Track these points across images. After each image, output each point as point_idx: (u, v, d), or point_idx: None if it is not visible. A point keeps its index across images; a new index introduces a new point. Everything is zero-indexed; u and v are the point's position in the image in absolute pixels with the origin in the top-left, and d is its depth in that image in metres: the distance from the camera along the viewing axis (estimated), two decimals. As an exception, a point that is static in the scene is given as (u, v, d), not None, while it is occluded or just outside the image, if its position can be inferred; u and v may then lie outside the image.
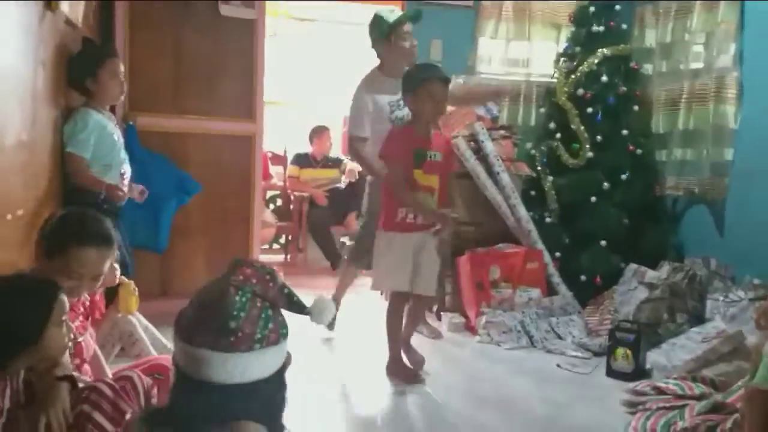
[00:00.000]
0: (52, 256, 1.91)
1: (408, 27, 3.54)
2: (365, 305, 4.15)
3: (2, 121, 2.21)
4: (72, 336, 2.12)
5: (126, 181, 3.11)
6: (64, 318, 1.71)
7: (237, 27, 4.03)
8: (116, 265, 2.68)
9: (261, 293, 1.36)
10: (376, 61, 3.63)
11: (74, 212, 2.06)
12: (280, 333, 1.35)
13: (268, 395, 1.35)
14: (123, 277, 2.71)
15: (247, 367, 1.29)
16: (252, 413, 1.31)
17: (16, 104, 2.35)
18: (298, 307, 1.41)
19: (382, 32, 3.53)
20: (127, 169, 3.11)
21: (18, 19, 2.33)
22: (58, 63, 2.82)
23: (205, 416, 1.28)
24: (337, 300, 3.70)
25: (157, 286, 3.87)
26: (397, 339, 3.16)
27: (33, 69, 2.50)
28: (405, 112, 3.38)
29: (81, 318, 2.24)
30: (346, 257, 3.85)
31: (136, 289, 2.70)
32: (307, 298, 1.42)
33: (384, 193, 3.12)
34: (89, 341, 2.26)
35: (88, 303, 2.37)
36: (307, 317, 1.44)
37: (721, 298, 3.57)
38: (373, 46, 3.62)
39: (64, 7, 2.72)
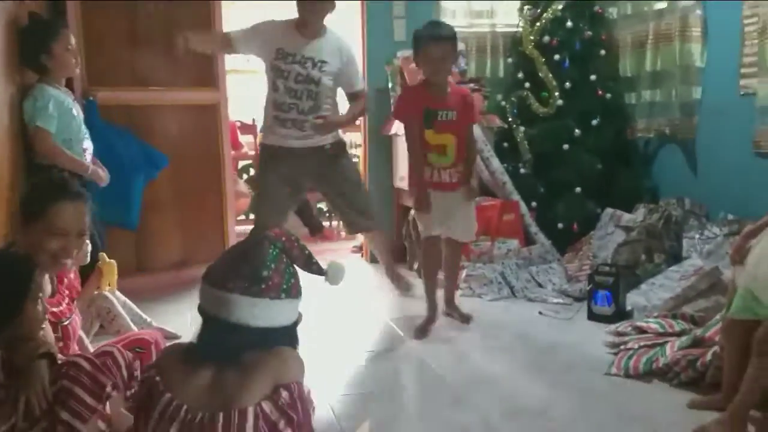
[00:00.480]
0: (34, 220, 1.88)
1: None
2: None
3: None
4: (58, 317, 2.09)
5: (88, 158, 3.03)
6: (40, 294, 1.68)
7: (193, -8, 3.92)
8: (87, 242, 2.63)
9: (287, 251, 1.55)
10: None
11: (43, 178, 2.09)
12: (298, 289, 1.54)
13: (282, 343, 1.53)
14: (104, 254, 2.67)
15: (271, 313, 1.49)
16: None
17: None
18: (317, 268, 1.61)
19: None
20: (89, 145, 3.04)
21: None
22: (9, 40, 2.73)
23: (230, 352, 1.48)
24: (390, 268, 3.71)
25: (133, 262, 3.83)
26: (434, 293, 3.24)
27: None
28: (291, 68, 3.21)
29: (67, 300, 2.20)
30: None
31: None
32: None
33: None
34: (76, 322, 2.23)
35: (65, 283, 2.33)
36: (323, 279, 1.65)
37: (697, 236, 3.61)
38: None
39: (12, -21, 2.62)
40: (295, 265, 1.56)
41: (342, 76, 3.28)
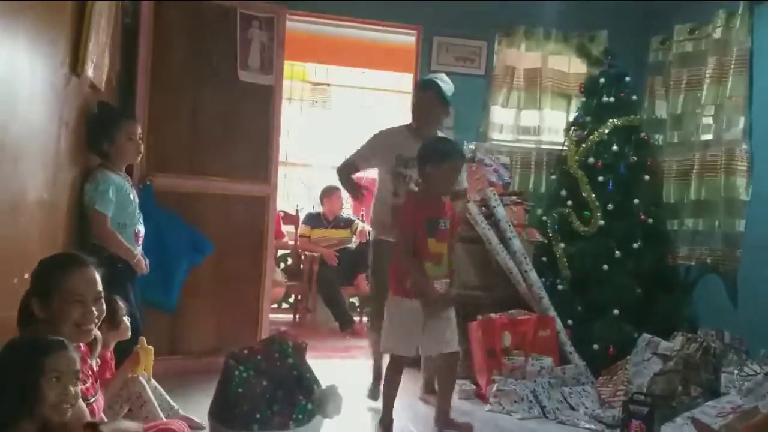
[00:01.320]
0: (50, 295, 1.93)
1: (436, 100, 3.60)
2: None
3: (26, 181, 2.25)
4: (83, 395, 2.11)
5: (140, 241, 3.13)
6: (58, 375, 1.70)
7: (255, 92, 4.13)
8: (126, 319, 2.69)
9: (267, 371, 1.31)
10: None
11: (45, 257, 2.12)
12: (292, 418, 1.27)
13: None
14: (143, 339, 2.72)
15: None
16: None
17: (39, 164, 2.40)
18: (306, 392, 1.36)
19: (443, 98, 3.60)
20: (141, 230, 3.14)
21: (46, 82, 2.40)
22: (80, 124, 2.89)
23: None
24: (377, 370, 3.67)
25: (166, 344, 3.85)
26: (392, 401, 3.17)
27: (57, 130, 2.57)
28: (410, 173, 3.46)
29: (90, 380, 2.23)
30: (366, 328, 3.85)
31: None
32: (315, 363, 1.39)
33: (393, 260, 3.16)
34: (100, 403, 2.25)
35: (97, 366, 2.36)
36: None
37: (736, 372, 3.51)
38: (421, 104, 3.62)
39: (89, 71, 2.80)
40: (284, 392, 1.37)
41: None
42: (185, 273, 3.74)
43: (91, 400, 2.16)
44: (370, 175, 4.60)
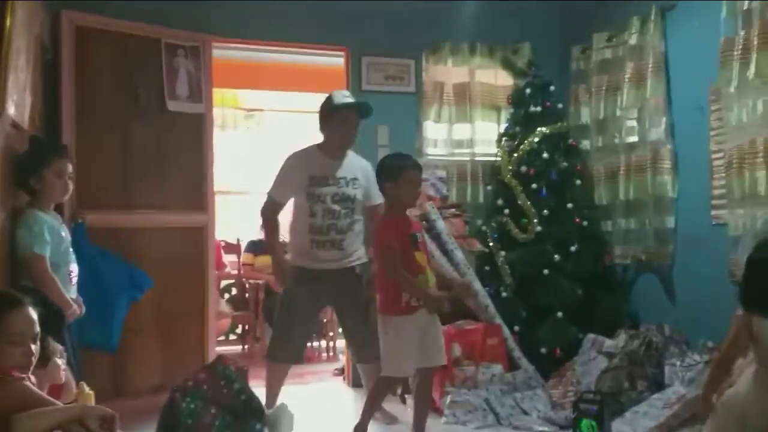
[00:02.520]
0: None
1: (353, 115, 3.58)
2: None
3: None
4: None
5: (74, 281, 3.03)
6: (16, 339, 1.83)
7: (185, 121, 4.09)
8: (60, 362, 2.58)
9: (214, 399, 1.31)
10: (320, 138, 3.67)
11: None
12: None
13: None
14: (83, 384, 2.61)
15: None
16: None
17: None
18: (257, 414, 1.37)
19: (327, 111, 3.58)
20: (74, 269, 3.04)
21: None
22: (3, 165, 2.79)
23: None
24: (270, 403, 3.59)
25: (110, 385, 3.73)
26: (373, 412, 3.24)
27: (-20, 173, 2.47)
28: (327, 191, 3.43)
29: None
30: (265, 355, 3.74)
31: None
32: (262, 390, 1.39)
33: (381, 279, 3.16)
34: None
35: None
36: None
37: (678, 363, 3.62)
38: (319, 122, 3.66)
39: (11, 110, 2.71)
40: (233, 417, 1.38)
41: (367, 188, 3.50)
42: (125, 310, 3.63)
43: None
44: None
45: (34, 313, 2.01)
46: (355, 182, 3.48)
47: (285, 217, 3.73)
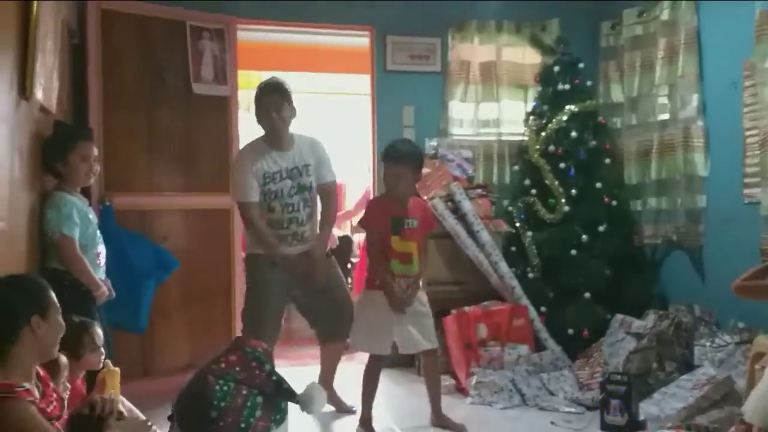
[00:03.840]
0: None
1: (271, 98, 3.35)
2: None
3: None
4: (48, 415, 2.06)
5: (102, 262, 3.07)
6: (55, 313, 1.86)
7: (210, 103, 4.10)
8: (99, 351, 2.63)
9: (246, 381, 1.33)
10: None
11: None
12: (272, 420, 1.32)
13: None
14: (108, 362, 2.66)
15: None
16: None
17: (-7, 193, 2.34)
18: (288, 395, 1.40)
19: (255, 102, 3.42)
20: (102, 250, 3.08)
21: (-7, 108, 2.35)
22: (33, 149, 2.83)
23: None
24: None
25: (139, 366, 3.80)
26: (371, 399, 3.22)
27: (9, 157, 2.50)
28: (283, 185, 3.31)
29: (55, 402, 2.17)
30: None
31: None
32: (293, 372, 1.41)
33: (364, 256, 3.18)
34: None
35: (66, 392, 2.31)
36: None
37: (708, 344, 3.57)
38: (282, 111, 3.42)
39: (38, 94, 2.74)
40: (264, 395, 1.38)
41: (317, 169, 3.38)
42: (153, 292, 3.68)
43: (55, 422, 2.11)
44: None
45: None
46: (308, 168, 3.34)
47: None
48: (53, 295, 1.97)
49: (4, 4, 2.43)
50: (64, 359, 2.29)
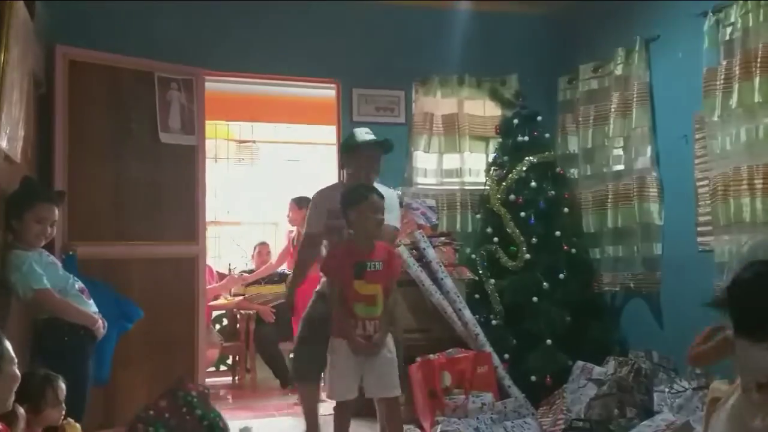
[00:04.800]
0: None
1: (372, 152, 3.57)
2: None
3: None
4: None
5: (89, 297, 3.04)
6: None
7: (178, 153, 4.14)
8: (63, 404, 2.58)
9: (178, 427, 1.32)
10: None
11: None
12: None
13: None
14: (70, 419, 2.62)
15: None
16: None
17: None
18: None
19: (348, 147, 3.63)
20: (83, 286, 3.05)
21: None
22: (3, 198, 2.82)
23: None
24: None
25: (101, 416, 3.72)
26: None
27: (-29, 205, 2.50)
28: (343, 223, 3.40)
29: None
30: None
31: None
32: (256, 423, 1.42)
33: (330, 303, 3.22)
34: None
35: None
36: None
37: (667, 390, 3.64)
38: (342, 159, 3.73)
39: (3, 143, 2.75)
40: None
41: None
42: (115, 342, 3.63)
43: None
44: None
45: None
46: None
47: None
48: (6, 346, 1.89)
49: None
50: (21, 411, 2.25)
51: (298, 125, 6.93)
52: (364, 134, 3.62)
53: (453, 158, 5.02)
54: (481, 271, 4.50)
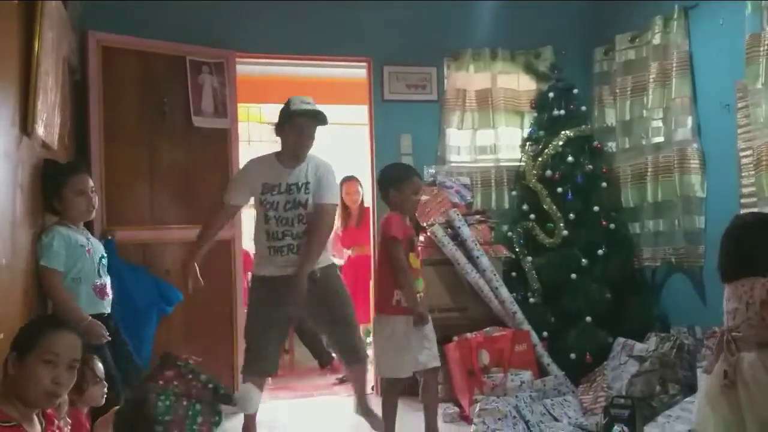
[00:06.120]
0: (27, 352, 1.90)
1: (310, 123, 3.38)
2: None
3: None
4: None
5: (106, 296, 3.05)
6: (50, 358, 1.83)
7: (211, 136, 4.15)
8: (99, 386, 2.63)
9: (185, 392, 1.38)
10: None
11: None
12: (212, 422, 1.36)
13: None
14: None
15: None
16: None
17: (-5, 229, 2.36)
18: (225, 399, 1.45)
19: (282, 117, 3.43)
20: (106, 283, 3.06)
21: (-4, 146, 2.38)
22: (35, 185, 2.85)
23: None
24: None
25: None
26: (392, 425, 3.26)
27: (12, 193, 2.53)
28: (279, 198, 3.35)
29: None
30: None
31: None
32: (297, 403, 1.44)
33: (380, 276, 3.24)
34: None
35: (67, 426, 2.30)
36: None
37: (711, 365, 3.56)
38: (275, 128, 3.51)
39: (40, 130, 2.78)
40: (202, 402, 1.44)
41: (315, 188, 3.37)
42: (155, 325, 3.69)
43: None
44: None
45: (77, 341, 2.00)
46: (306, 186, 3.36)
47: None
48: (46, 342, 1.91)
49: (7, 43, 2.48)
50: (64, 396, 2.29)
51: (329, 105, 6.90)
52: (299, 103, 3.40)
53: (487, 134, 4.94)
54: (517, 249, 4.45)
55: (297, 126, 3.34)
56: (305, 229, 3.33)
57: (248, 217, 5.30)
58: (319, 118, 3.40)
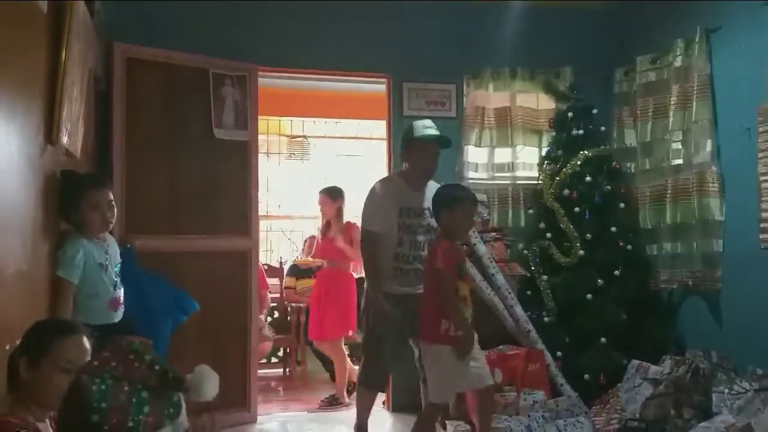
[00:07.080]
0: (40, 356, 1.91)
1: (436, 147, 3.58)
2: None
3: (5, 254, 2.25)
4: None
5: (119, 309, 3.04)
6: (66, 366, 1.79)
7: (231, 148, 4.20)
8: None
9: (126, 376, 1.24)
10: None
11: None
12: (164, 414, 1.25)
13: None
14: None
15: None
16: None
17: (17, 237, 2.40)
18: (175, 384, 1.29)
19: (408, 142, 3.61)
20: (119, 296, 3.04)
21: (21, 153, 2.42)
22: (48, 193, 2.87)
23: None
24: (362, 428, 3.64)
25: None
26: None
27: (34, 200, 2.58)
28: (416, 222, 3.48)
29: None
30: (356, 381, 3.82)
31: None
32: (309, 416, 1.40)
33: (428, 304, 3.19)
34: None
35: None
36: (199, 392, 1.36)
37: (726, 391, 3.53)
38: (401, 152, 3.70)
39: (64, 139, 2.83)
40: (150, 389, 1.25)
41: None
42: (170, 333, 3.71)
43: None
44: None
45: (86, 342, 2.00)
46: (429, 211, 3.45)
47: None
48: (60, 349, 1.91)
49: (34, 53, 2.54)
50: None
51: (349, 120, 6.97)
52: (422, 129, 3.59)
53: (505, 152, 4.95)
54: (533, 267, 4.44)
55: (423, 151, 3.51)
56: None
57: (262, 228, 5.34)
58: (443, 142, 3.57)
